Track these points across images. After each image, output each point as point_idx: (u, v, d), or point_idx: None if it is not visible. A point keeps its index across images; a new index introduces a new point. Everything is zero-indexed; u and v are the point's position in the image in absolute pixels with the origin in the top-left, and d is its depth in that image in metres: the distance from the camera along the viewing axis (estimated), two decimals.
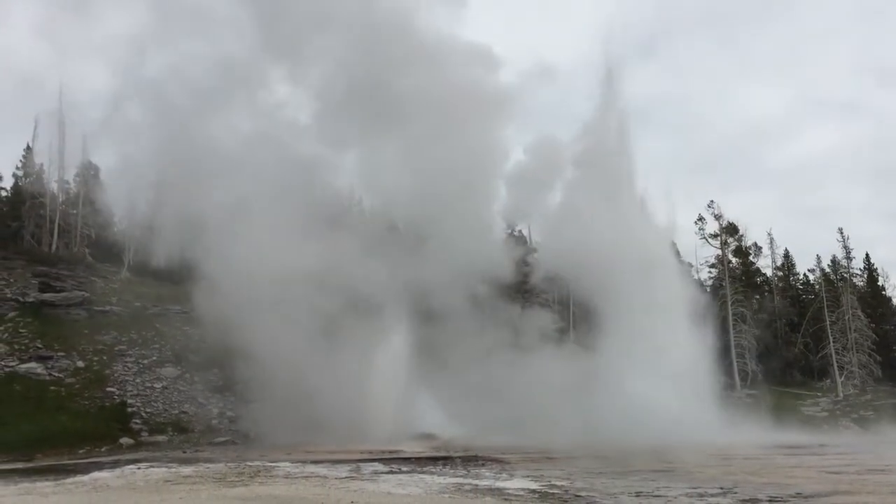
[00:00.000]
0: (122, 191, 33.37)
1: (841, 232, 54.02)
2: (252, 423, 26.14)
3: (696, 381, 32.67)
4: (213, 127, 30.22)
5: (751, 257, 53.27)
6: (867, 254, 56.34)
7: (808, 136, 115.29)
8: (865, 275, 55.87)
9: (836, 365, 46.00)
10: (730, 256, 49.49)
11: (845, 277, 52.61)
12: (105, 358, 28.76)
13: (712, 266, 50.44)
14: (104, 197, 36.67)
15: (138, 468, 15.56)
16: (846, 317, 47.81)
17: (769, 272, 56.17)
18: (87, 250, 41.35)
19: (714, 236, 48.45)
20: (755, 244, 53.33)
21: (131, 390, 27.18)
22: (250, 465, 16.08)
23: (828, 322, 47.48)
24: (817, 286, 52.90)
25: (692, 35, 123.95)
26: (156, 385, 27.99)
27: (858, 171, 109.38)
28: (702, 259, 50.76)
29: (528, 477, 14.53)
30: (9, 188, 44.57)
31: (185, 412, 27.03)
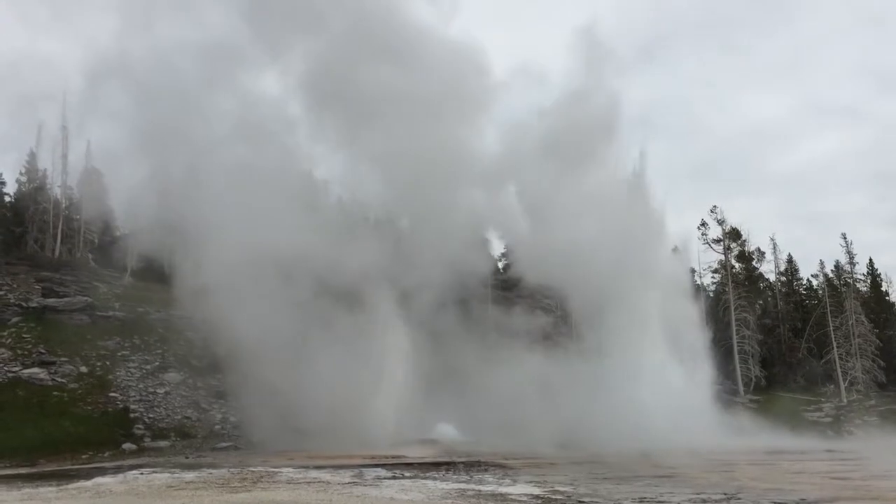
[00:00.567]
0: (123, 194, 33.31)
1: (844, 237, 53.79)
2: (254, 429, 26.13)
3: (698, 386, 32.65)
4: (195, 110, 30.03)
5: (754, 262, 53.10)
6: (870, 259, 56.22)
7: (809, 141, 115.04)
8: (869, 280, 55.73)
9: (839, 370, 45.85)
10: (733, 261, 49.43)
11: (849, 282, 52.41)
12: (108, 363, 28.77)
13: (715, 271, 50.38)
14: (107, 201, 36.68)
15: (141, 473, 15.58)
16: (850, 322, 47.68)
17: (772, 277, 56.02)
18: (90, 255, 41.36)
19: (717, 241, 48.48)
20: (758, 249, 53.19)
21: (134, 396, 27.19)
22: (253, 471, 16.09)
23: (831, 327, 47.38)
24: (820, 291, 52.75)
25: (693, 40, 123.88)
26: (158, 390, 27.99)
27: (860, 176, 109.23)
28: (705, 264, 50.75)
29: (531, 482, 14.53)
30: (12, 193, 44.65)
31: (188, 417, 27.05)
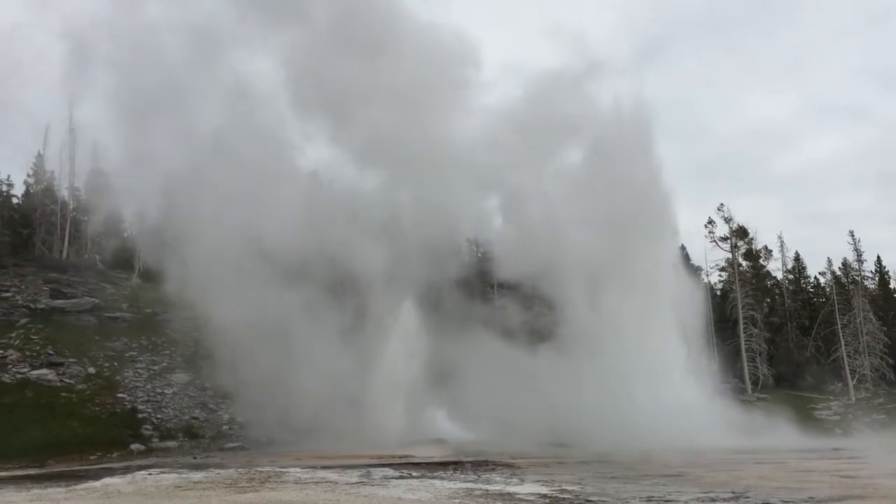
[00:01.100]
0: (130, 194, 33.45)
1: (852, 235, 53.69)
2: (262, 429, 26.16)
3: (704, 384, 32.54)
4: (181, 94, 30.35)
5: (761, 260, 52.95)
6: (878, 257, 56.16)
7: (812, 141, 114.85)
8: (877, 278, 55.53)
9: (847, 368, 45.70)
10: (740, 260, 49.28)
11: (856, 280, 52.24)
12: (116, 364, 28.85)
13: (722, 269, 50.27)
14: (114, 202, 36.75)
15: (149, 474, 15.62)
16: (858, 320, 47.51)
17: (780, 275, 55.90)
18: (97, 257, 41.50)
19: (724, 239, 48.32)
20: (765, 247, 53.05)
21: (142, 396, 27.25)
22: (260, 471, 16.11)
23: (839, 325, 47.22)
24: (828, 289, 52.58)
25: (695, 40, 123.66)
26: (166, 391, 28.06)
27: (863, 176, 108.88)
28: (712, 262, 50.68)
29: (538, 482, 14.50)
30: (20, 195, 44.87)
31: (196, 418, 27.09)
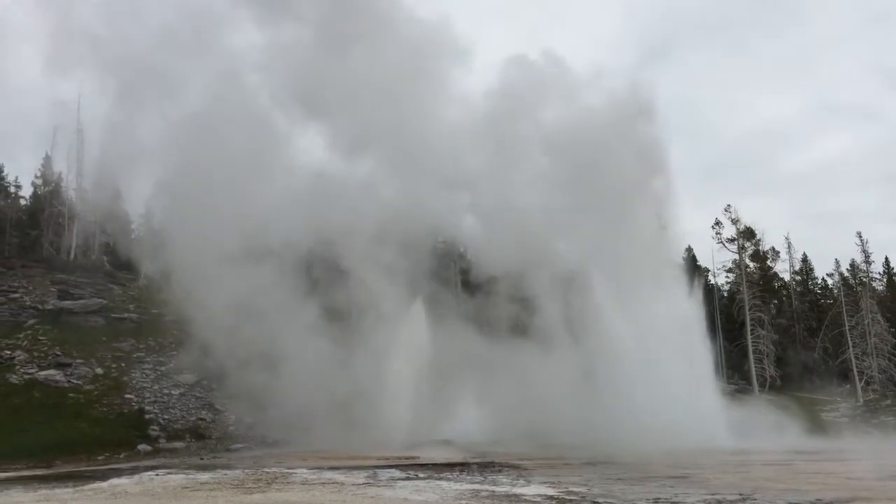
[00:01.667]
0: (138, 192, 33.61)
1: (860, 235, 53.53)
2: (269, 430, 26.22)
3: (711, 385, 32.40)
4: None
5: (768, 261, 52.87)
6: (886, 258, 55.94)
7: (819, 141, 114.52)
8: (885, 279, 55.32)
9: (855, 370, 45.55)
10: (747, 261, 49.20)
11: (864, 281, 52.06)
12: (123, 365, 28.98)
13: (729, 271, 50.30)
14: (121, 203, 36.92)
15: (156, 475, 15.65)
16: (865, 321, 47.38)
17: (787, 276, 55.77)
18: (105, 258, 41.67)
19: (731, 241, 48.25)
20: (773, 248, 52.99)
21: (149, 397, 27.35)
22: (267, 472, 16.11)
23: (847, 326, 47.08)
24: (836, 290, 52.43)
25: (702, 40, 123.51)
26: (173, 392, 28.15)
27: (872, 175, 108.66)
28: (719, 264, 50.62)
29: (545, 483, 14.45)
30: (28, 197, 45.11)
31: (203, 419, 27.18)
